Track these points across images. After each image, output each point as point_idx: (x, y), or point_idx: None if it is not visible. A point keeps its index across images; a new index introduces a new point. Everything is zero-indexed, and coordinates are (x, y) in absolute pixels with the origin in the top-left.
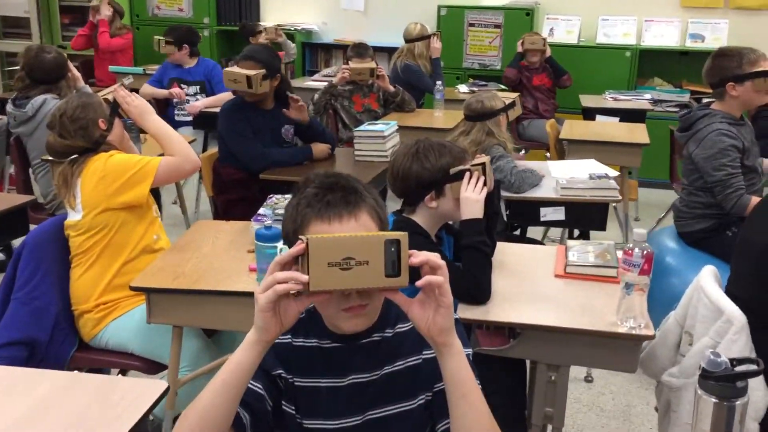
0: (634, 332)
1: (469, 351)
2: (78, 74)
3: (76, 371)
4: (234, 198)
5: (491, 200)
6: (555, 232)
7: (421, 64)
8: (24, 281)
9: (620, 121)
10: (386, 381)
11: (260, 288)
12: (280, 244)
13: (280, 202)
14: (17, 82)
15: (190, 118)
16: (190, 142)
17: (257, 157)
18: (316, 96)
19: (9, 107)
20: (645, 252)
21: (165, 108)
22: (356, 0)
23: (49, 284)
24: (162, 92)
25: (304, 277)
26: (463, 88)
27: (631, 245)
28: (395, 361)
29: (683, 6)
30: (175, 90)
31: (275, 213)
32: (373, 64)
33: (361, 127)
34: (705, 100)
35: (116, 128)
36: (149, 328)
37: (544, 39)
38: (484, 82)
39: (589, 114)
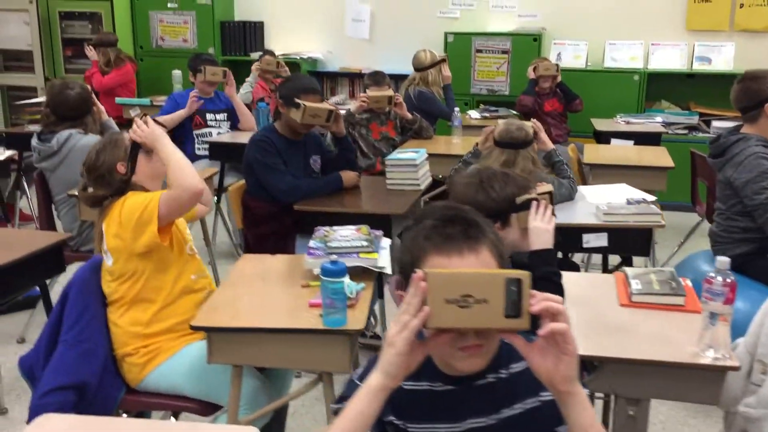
0: (719, 363)
1: (587, 391)
2: (102, 107)
3: (124, 415)
4: (266, 231)
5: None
6: (596, 258)
7: (434, 90)
8: (71, 323)
9: (635, 144)
10: (505, 425)
11: (394, 330)
12: (346, 279)
13: (330, 234)
14: (42, 118)
15: (206, 152)
16: (209, 177)
17: (289, 190)
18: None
19: (34, 142)
20: (728, 280)
21: (183, 142)
22: (361, 28)
23: (96, 327)
24: (181, 113)
25: (426, 311)
26: (474, 114)
27: (713, 274)
28: (513, 404)
29: (689, 29)
30: (193, 100)
31: (328, 246)
32: (391, 92)
33: (392, 156)
34: (731, 125)
35: (142, 166)
36: (202, 368)
37: (557, 65)
38: (495, 108)
39: (602, 138)
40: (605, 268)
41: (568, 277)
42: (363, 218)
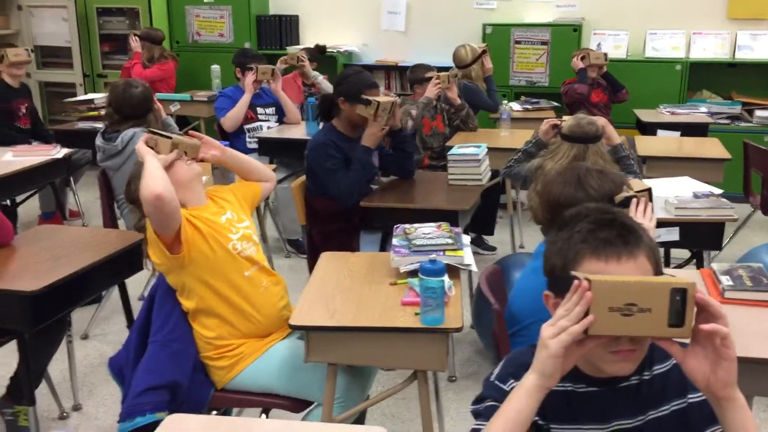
0: None
1: None
2: (161, 106)
3: (213, 412)
4: (332, 229)
5: None
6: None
7: (479, 84)
8: (161, 324)
9: (681, 135)
10: (651, 427)
11: (550, 332)
12: (445, 279)
13: (411, 231)
14: (106, 118)
15: (256, 146)
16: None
17: (347, 192)
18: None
19: (99, 141)
20: None
21: (236, 136)
22: (397, 21)
23: (184, 328)
24: (245, 99)
25: (590, 319)
26: (516, 106)
27: None
28: (660, 406)
29: (730, 18)
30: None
31: (413, 244)
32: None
33: (454, 151)
34: None
35: (177, 173)
36: (292, 367)
37: (605, 54)
38: (536, 100)
39: (646, 128)
40: (667, 263)
41: None
42: (429, 214)
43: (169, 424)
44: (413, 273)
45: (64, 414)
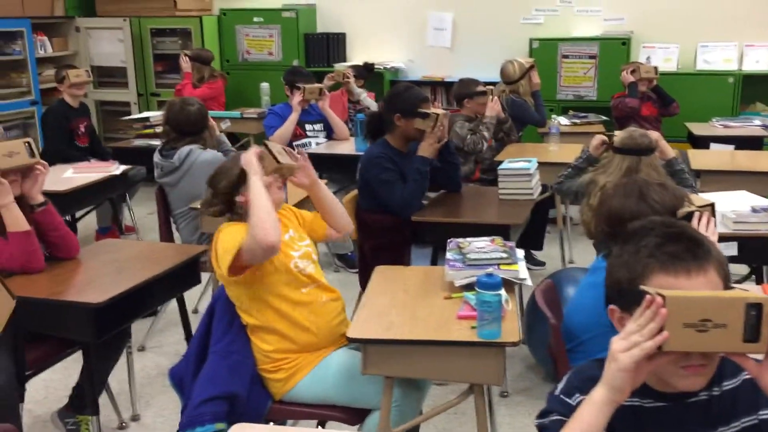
0: None
1: None
2: (214, 124)
3: (271, 423)
4: (383, 243)
5: None
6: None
7: (527, 100)
8: (219, 335)
9: (736, 148)
10: None
11: (621, 346)
12: (503, 293)
13: (465, 246)
14: (163, 135)
15: None
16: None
17: (404, 204)
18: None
19: (156, 158)
20: None
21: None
22: (443, 37)
23: (243, 339)
24: (292, 118)
25: (664, 336)
26: (564, 120)
27: None
28: (730, 423)
29: None
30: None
31: (467, 258)
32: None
33: (505, 166)
34: None
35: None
36: (348, 376)
37: (656, 67)
38: (584, 114)
39: (698, 142)
40: None
41: None
42: (481, 228)
43: None
44: (468, 287)
45: (123, 424)
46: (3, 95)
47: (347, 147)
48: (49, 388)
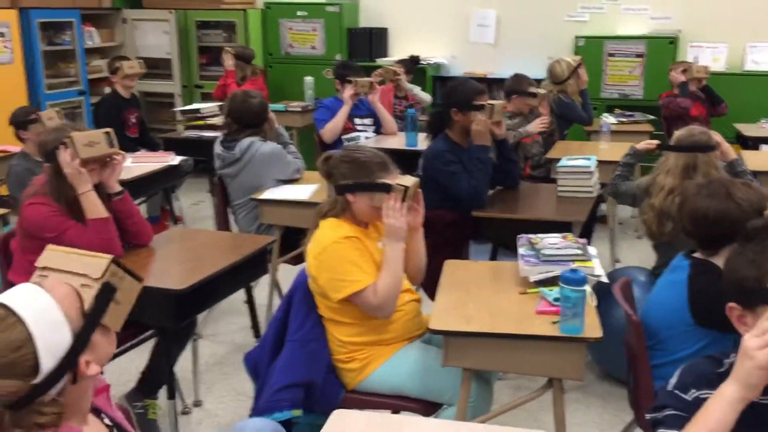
0: None
1: None
2: (273, 116)
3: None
4: (443, 239)
5: None
6: None
7: (575, 99)
8: (299, 324)
9: None
10: None
11: (756, 343)
12: (588, 288)
13: (537, 242)
14: (224, 127)
15: None
16: None
17: (473, 193)
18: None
19: (218, 149)
20: None
21: (334, 146)
22: (486, 33)
23: (320, 329)
24: (344, 111)
25: None
26: (610, 118)
27: None
28: None
29: None
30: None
31: (542, 254)
32: (542, 90)
33: (564, 163)
34: None
35: (364, 202)
36: (423, 369)
37: (706, 67)
38: (630, 113)
39: (747, 143)
40: None
41: None
42: (541, 225)
43: (337, 420)
44: (542, 282)
45: (186, 409)
46: (52, 85)
47: (396, 142)
48: (115, 372)
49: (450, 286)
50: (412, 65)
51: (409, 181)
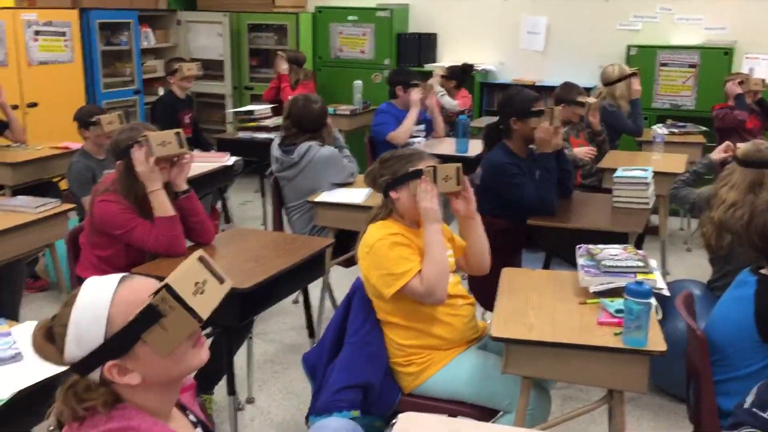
0: None
1: None
2: (331, 121)
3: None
4: (496, 246)
5: None
6: None
7: (620, 105)
8: (357, 326)
9: None
10: None
11: None
12: (653, 301)
13: (597, 252)
14: (283, 130)
15: None
16: None
17: (540, 201)
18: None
19: (277, 153)
20: None
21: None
22: (536, 40)
23: (378, 332)
24: (412, 116)
25: None
26: (662, 129)
27: None
28: None
29: None
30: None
31: (602, 265)
32: (591, 99)
33: (620, 174)
34: None
35: (407, 198)
36: (481, 375)
37: (764, 80)
38: (682, 124)
39: None
40: None
41: None
42: (596, 235)
43: (405, 421)
44: (602, 293)
45: (240, 406)
46: (108, 84)
47: (447, 147)
48: None
49: (509, 294)
50: (462, 74)
51: (451, 167)
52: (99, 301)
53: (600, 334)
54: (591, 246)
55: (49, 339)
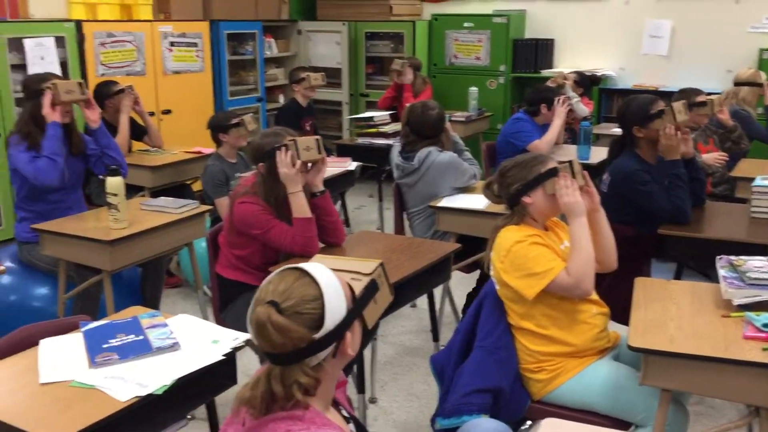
0: None
1: None
2: (450, 125)
3: (528, 423)
4: (623, 254)
5: None
6: None
7: (749, 110)
8: (488, 331)
9: None
10: None
11: None
12: None
13: (741, 264)
14: (403, 137)
15: None
16: None
17: (676, 210)
18: None
19: (397, 160)
20: None
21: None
22: (659, 44)
23: (509, 337)
24: (557, 124)
25: None
26: None
27: None
28: None
29: None
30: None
31: (747, 277)
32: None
33: (759, 182)
34: None
35: (541, 198)
36: (615, 386)
37: None
38: None
39: None
40: None
41: None
42: (734, 246)
43: (548, 427)
44: (747, 306)
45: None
46: (234, 92)
47: (566, 154)
48: None
49: (645, 304)
50: (589, 83)
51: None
52: (333, 278)
53: (747, 349)
54: (733, 257)
55: (296, 320)
